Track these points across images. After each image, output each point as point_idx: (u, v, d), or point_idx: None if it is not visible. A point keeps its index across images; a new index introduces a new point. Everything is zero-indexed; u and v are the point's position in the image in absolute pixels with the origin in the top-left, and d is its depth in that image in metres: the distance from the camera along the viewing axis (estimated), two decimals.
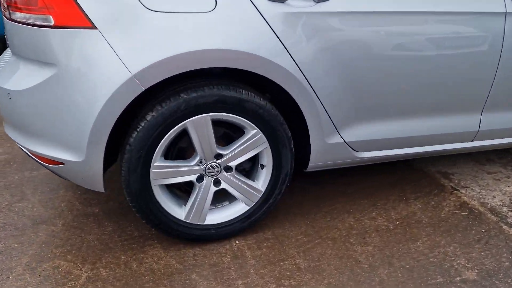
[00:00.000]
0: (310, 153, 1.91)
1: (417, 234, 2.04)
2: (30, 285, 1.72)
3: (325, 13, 1.68)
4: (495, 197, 2.32)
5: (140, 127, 1.64)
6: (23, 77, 1.63)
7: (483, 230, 2.05)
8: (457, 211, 2.19)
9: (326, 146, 1.90)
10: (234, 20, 1.58)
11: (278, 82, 1.70)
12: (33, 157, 1.77)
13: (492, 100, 2.01)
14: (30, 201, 2.28)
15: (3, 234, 2.03)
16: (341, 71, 1.75)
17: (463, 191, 2.37)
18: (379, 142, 2.01)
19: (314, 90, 1.74)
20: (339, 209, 2.24)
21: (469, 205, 2.25)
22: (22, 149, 1.77)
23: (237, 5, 1.58)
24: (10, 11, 1.60)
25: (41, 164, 1.78)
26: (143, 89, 1.56)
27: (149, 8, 1.52)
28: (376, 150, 2.04)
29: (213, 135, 1.73)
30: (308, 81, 1.72)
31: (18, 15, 1.56)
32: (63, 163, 1.68)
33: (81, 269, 1.81)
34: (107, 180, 2.09)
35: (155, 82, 1.57)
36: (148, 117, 1.64)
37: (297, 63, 1.67)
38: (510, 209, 2.20)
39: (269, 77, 1.68)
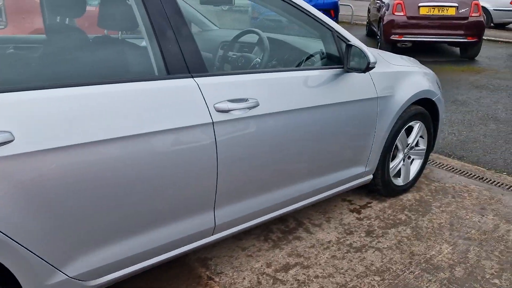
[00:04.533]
0: None
1: None
2: None
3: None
4: (245, 278, 2.12)
5: None
6: None
7: None
8: None
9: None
10: None
11: None
12: None
13: (221, 197, 1.90)
14: None
15: None
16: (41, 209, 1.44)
17: (217, 279, 2.11)
18: (110, 266, 1.68)
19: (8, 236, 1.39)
20: None
21: None
22: None
23: None
24: None
25: None
26: None
27: None
28: (107, 274, 1.71)
29: None
30: None
31: None
32: None
33: None
34: None
35: None
36: None
37: None
38: None
39: None
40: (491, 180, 3.22)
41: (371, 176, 2.70)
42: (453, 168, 3.42)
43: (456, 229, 2.55)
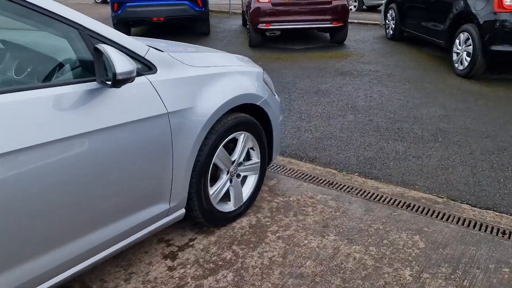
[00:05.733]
0: None
1: None
2: None
3: None
4: None
5: None
6: None
7: None
8: None
9: None
10: None
11: None
12: None
13: None
14: None
15: None
16: None
17: None
18: None
19: None
20: None
21: None
22: None
23: None
24: None
25: None
26: None
27: None
28: None
29: None
30: None
31: None
32: None
33: None
34: None
35: None
36: None
37: None
38: None
39: None
40: (341, 184, 2.86)
41: (183, 211, 2.12)
42: (303, 174, 3.01)
43: (289, 263, 2.08)
